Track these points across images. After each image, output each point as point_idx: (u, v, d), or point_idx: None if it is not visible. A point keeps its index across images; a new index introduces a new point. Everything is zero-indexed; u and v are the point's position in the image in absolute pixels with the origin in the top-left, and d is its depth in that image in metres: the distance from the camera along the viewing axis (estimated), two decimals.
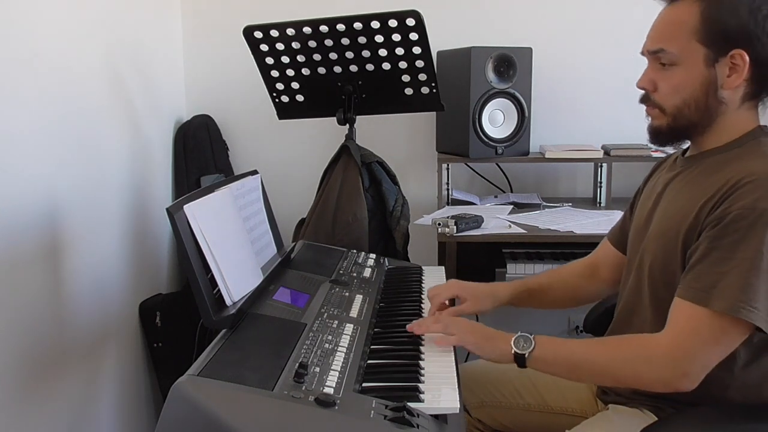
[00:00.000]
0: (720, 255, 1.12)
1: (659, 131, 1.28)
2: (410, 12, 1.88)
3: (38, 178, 1.62)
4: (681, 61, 1.21)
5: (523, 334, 1.23)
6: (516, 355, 1.22)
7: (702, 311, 1.12)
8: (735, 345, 1.14)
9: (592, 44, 2.57)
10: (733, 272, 1.10)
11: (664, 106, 1.25)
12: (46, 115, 1.65)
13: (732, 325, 1.11)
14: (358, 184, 2.03)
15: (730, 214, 1.12)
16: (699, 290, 1.13)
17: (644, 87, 1.27)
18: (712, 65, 1.19)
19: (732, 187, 1.14)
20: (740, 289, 1.09)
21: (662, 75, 1.24)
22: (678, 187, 1.29)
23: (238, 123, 2.71)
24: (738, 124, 1.23)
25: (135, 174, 2.16)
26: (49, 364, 1.67)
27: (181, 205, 1.24)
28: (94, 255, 1.88)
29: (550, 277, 1.61)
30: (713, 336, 1.12)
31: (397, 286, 1.68)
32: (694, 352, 1.12)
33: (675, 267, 1.22)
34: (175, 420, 0.99)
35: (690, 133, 1.27)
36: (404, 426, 0.99)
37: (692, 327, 1.13)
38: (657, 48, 1.23)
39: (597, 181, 2.53)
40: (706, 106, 1.21)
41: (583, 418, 1.39)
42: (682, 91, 1.22)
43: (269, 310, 1.34)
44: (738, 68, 1.18)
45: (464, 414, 1.43)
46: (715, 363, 1.13)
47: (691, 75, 1.20)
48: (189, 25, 2.67)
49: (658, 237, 1.28)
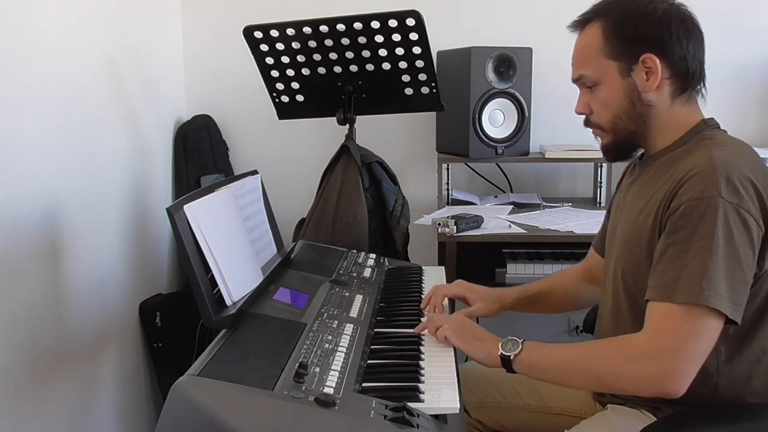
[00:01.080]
0: (677, 249, 1.13)
1: (608, 149, 1.34)
2: (410, 12, 1.88)
3: (38, 178, 1.62)
4: (600, 80, 1.27)
5: (512, 338, 1.24)
6: (502, 357, 1.23)
7: (671, 307, 1.12)
8: (715, 335, 1.12)
9: None
10: (692, 263, 1.11)
11: (601, 123, 1.31)
12: (46, 115, 1.65)
13: (704, 314, 1.10)
14: (358, 184, 2.03)
15: (680, 208, 1.15)
16: (663, 287, 1.13)
17: (582, 112, 1.34)
18: (628, 74, 1.25)
19: (679, 182, 1.17)
20: (702, 278, 1.10)
21: (592, 97, 1.30)
22: (635, 192, 1.32)
23: (238, 123, 2.71)
24: (678, 121, 1.27)
25: (135, 174, 2.16)
26: (50, 364, 1.67)
27: (181, 205, 1.24)
28: (94, 255, 1.88)
29: (551, 282, 1.63)
30: (691, 329, 1.11)
31: (397, 286, 1.68)
32: (675, 347, 1.11)
33: (644, 271, 1.23)
34: (175, 420, 0.99)
35: (634, 141, 1.31)
36: (404, 426, 0.99)
37: (668, 324, 1.12)
38: (578, 75, 1.32)
39: (597, 181, 2.53)
40: (637, 113, 1.26)
41: (582, 419, 1.39)
42: (611, 105, 1.28)
43: (269, 310, 1.34)
44: (653, 70, 1.23)
45: (464, 414, 1.44)
46: (701, 359, 1.11)
47: (613, 89, 1.26)
48: (189, 25, 2.67)
49: (625, 243, 1.30)
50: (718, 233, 1.10)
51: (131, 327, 2.16)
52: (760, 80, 2.51)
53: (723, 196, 1.12)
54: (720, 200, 1.11)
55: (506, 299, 1.57)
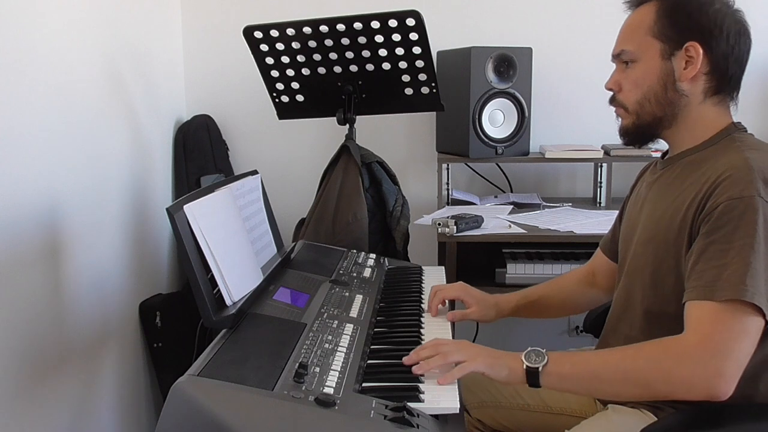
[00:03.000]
0: (717, 248, 1.12)
1: (627, 130, 1.33)
2: (410, 12, 1.88)
3: (38, 178, 1.62)
4: (639, 57, 1.27)
5: (533, 348, 1.18)
6: (528, 370, 1.16)
7: (714, 306, 1.10)
8: (758, 334, 1.10)
9: (592, 44, 2.57)
10: (734, 261, 1.10)
11: (627, 103, 1.30)
12: (46, 115, 1.65)
13: (747, 312, 1.08)
14: (358, 184, 2.03)
15: (718, 207, 1.13)
16: (704, 287, 1.12)
17: (610, 88, 1.33)
18: (668, 58, 1.25)
19: (714, 183, 1.16)
20: (745, 275, 1.08)
21: (625, 75, 1.30)
22: (659, 191, 1.31)
23: (238, 123, 2.71)
24: (708, 121, 1.27)
25: (135, 174, 2.16)
26: (49, 363, 1.67)
27: (181, 205, 1.24)
28: (94, 255, 1.88)
29: (550, 287, 1.62)
30: (736, 327, 1.08)
31: (397, 286, 1.68)
32: (725, 346, 1.08)
33: (665, 272, 1.23)
34: (175, 420, 0.99)
35: (656, 128, 1.30)
36: (404, 426, 0.99)
37: (713, 323, 1.10)
38: (619, 50, 1.31)
39: (597, 181, 2.53)
40: (667, 99, 1.26)
41: (582, 418, 1.39)
42: (642, 85, 1.27)
43: (269, 310, 1.34)
44: (693, 60, 1.23)
45: (464, 414, 1.43)
46: (746, 358, 1.09)
47: (649, 69, 1.26)
48: (189, 25, 2.67)
49: (646, 242, 1.29)
50: (759, 232, 1.10)
51: (131, 327, 2.16)
52: (760, 80, 2.51)
53: (762, 196, 1.11)
54: (759, 200, 1.11)
55: (504, 307, 1.56)
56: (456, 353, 1.20)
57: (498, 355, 1.22)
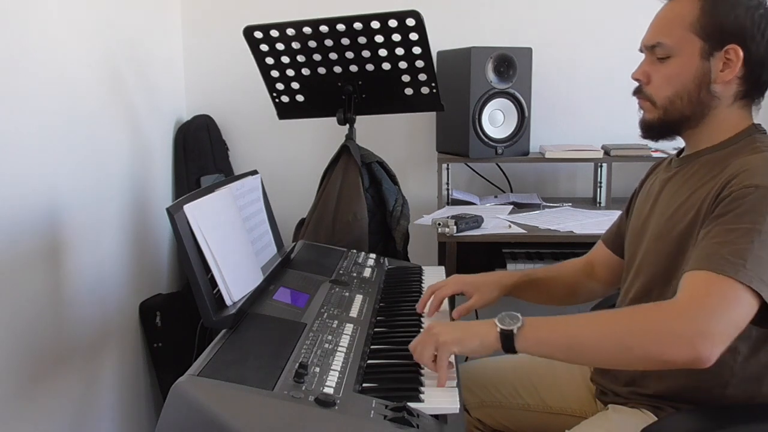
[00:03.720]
0: (724, 227, 1.10)
1: (651, 125, 1.29)
2: (410, 12, 1.88)
3: (38, 178, 1.62)
4: (676, 53, 1.22)
5: (507, 312, 1.13)
6: (503, 332, 1.10)
7: (709, 274, 1.07)
8: (749, 315, 1.06)
9: (592, 44, 2.57)
10: (737, 241, 1.08)
11: (656, 98, 1.26)
12: (46, 115, 1.65)
13: (742, 289, 1.05)
14: (358, 184, 2.03)
15: (731, 195, 1.12)
16: (702, 258, 1.10)
17: (638, 78, 1.29)
18: (707, 58, 1.20)
19: (730, 177, 1.15)
20: (746, 253, 1.06)
21: (657, 68, 1.25)
22: (674, 187, 1.29)
23: (238, 123, 2.71)
24: (731, 122, 1.24)
25: (135, 174, 2.16)
26: (50, 363, 1.67)
27: (181, 205, 1.24)
28: (94, 255, 1.88)
29: (551, 271, 1.61)
30: (726, 298, 1.05)
31: (397, 286, 1.68)
32: (710, 308, 1.05)
33: (676, 267, 1.21)
34: (175, 420, 0.99)
35: (681, 127, 1.27)
36: (404, 426, 0.99)
37: (705, 288, 1.07)
38: (654, 42, 1.25)
39: (597, 181, 2.53)
40: (699, 100, 1.23)
41: (582, 418, 1.39)
42: (675, 82, 1.23)
43: (269, 310, 1.34)
44: (731, 63, 1.20)
45: (464, 414, 1.43)
46: (734, 330, 1.05)
47: (686, 66, 1.22)
48: (189, 25, 2.67)
49: (658, 238, 1.27)
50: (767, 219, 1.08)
51: (131, 327, 2.16)
52: None
53: None
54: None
55: (506, 281, 1.52)
56: (426, 350, 1.15)
57: (467, 325, 1.17)
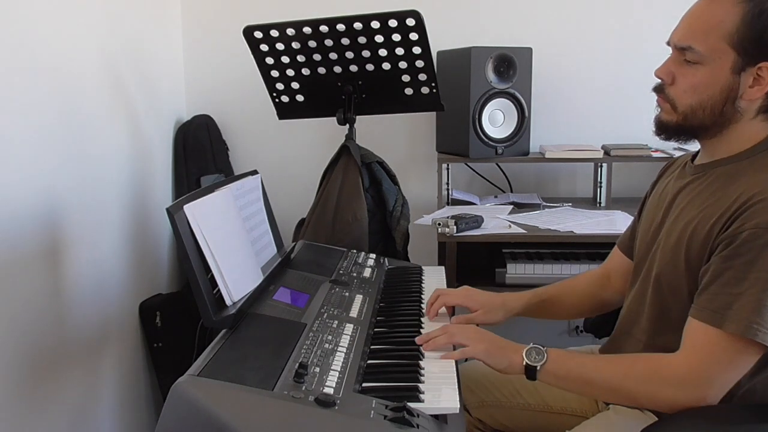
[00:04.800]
0: (733, 275, 1.11)
1: (667, 126, 1.26)
2: (410, 12, 1.88)
3: (38, 178, 1.62)
4: (708, 62, 1.17)
5: (535, 345, 1.22)
6: (527, 367, 1.21)
7: (717, 333, 1.11)
8: (750, 366, 1.13)
9: (592, 44, 2.57)
10: (747, 293, 1.09)
11: (678, 103, 1.22)
12: (46, 115, 1.65)
13: (747, 346, 1.10)
14: (358, 184, 2.03)
15: (742, 234, 1.11)
16: (713, 311, 1.12)
17: (662, 77, 1.24)
18: (738, 73, 1.16)
19: (743, 205, 1.13)
20: (754, 311, 1.08)
21: (683, 70, 1.21)
22: (688, 198, 1.27)
23: (238, 123, 2.71)
24: (750, 134, 1.21)
25: (135, 174, 2.16)
26: (50, 364, 1.67)
27: (181, 205, 1.24)
28: (94, 255, 1.88)
29: (563, 287, 1.59)
30: (729, 358, 1.11)
31: (397, 286, 1.68)
32: (711, 375, 1.12)
33: (682, 281, 1.22)
34: (175, 420, 0.99)
35: (698, 134, 1.24)
36: (404, 426, 0.99)
37: (709, 350, 1.12)
38: (686, 45, 1.19)
39: (597, 181, 2.53)
40: (722, 112, 1.19)
41: (583, 418, 1.39)
42: (701, 91, 1.19)
43: (269, 310, 1.34)
44: (762, 81, 1.16)
45: (464, 414, 1.43)
46: (731, 385, 1.13)
47: (715, 78, 1.17)
48: (189, 25, 2.67)
49: (668, 249, 1.26)
50: None
51: (131, 327, 2.16)
52: None
53: None
54: None
55: (513, 305, 1.52)
56: (460, 335, 1.28)
57: (502, 345, 1.26)
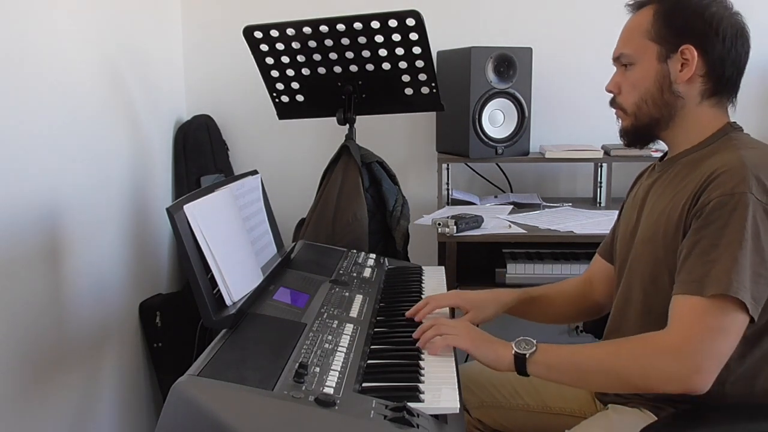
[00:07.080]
0: (707, 243, 1.14)
1: (627, 131, 1.35)
2: (410, 12, 1.88)
3: (39, 179, 1.62)
4: (637, 60, 1.30)
5: (524, 338, 1.22)
6: (516, 356, 1.20)
7: (700, 300, 1.12)
8: (740, 332, 1.12)
9: (592, 44, 2.57)
10: (722, 257, 1.12)
11: (625, 105, 1.33)
12: (46, 115, 1.65)
13: (731, 308, 1.10)
14: (358, 184, 2.03)
15: (710, 203, 1.15)
16: (692, 282, 1.13)
17: (611, 90, 1.36)
18: (665, 61, 1.27)
19: (707, 179, 1.18)
20: (732, 271, 1.10)
21: (624, 77, 1.33)
22: (658, 191, 1.32)
23: (238, 123, 2.71)
24: (705, 122, 1.28)
25: (135, 174, 2.16)
26: (50, 364, 1.67)
27: (181, 205, 1.24)
28: (94, 255, 1.88)
29: (552, 289, 1.60)
30: (717, 323, 1.11)
31: (397, 286, 1.68)
32: (703, 343, 1.11)
33: (663, 270, 1.23)
34: (175, 420, 0.99)
35: (654, 130, 1.32)
36: (404, 426, 0.99)
37: (695, 318, 1.12)
38: (618, 53, 1.33)
39: (597, 181, 2.53)
40: (663, 101, 1.28)
41: (582, 419, 1.39)
42: (639, 87, 1.30)
43: (269, 310, 1.34)
44: (688, 63, 1.25)
45: (464, 414, 1.44)
46: (726, 356, 1.12)
47: (646, 71, 1.28)
48: (189, 25, 2.67)
49: (646, 242, 1.30)
50: (748, 229, 1.11)
51: (131, 327, 2.16)
52: (760, 80, 2.51)
53: (753, 193, 1.13)
54: (750, 197, 1.13)
55: (504, 299, 1.53)
56: (447, 327, 1.29)
57: (490, 339, 1.27)
